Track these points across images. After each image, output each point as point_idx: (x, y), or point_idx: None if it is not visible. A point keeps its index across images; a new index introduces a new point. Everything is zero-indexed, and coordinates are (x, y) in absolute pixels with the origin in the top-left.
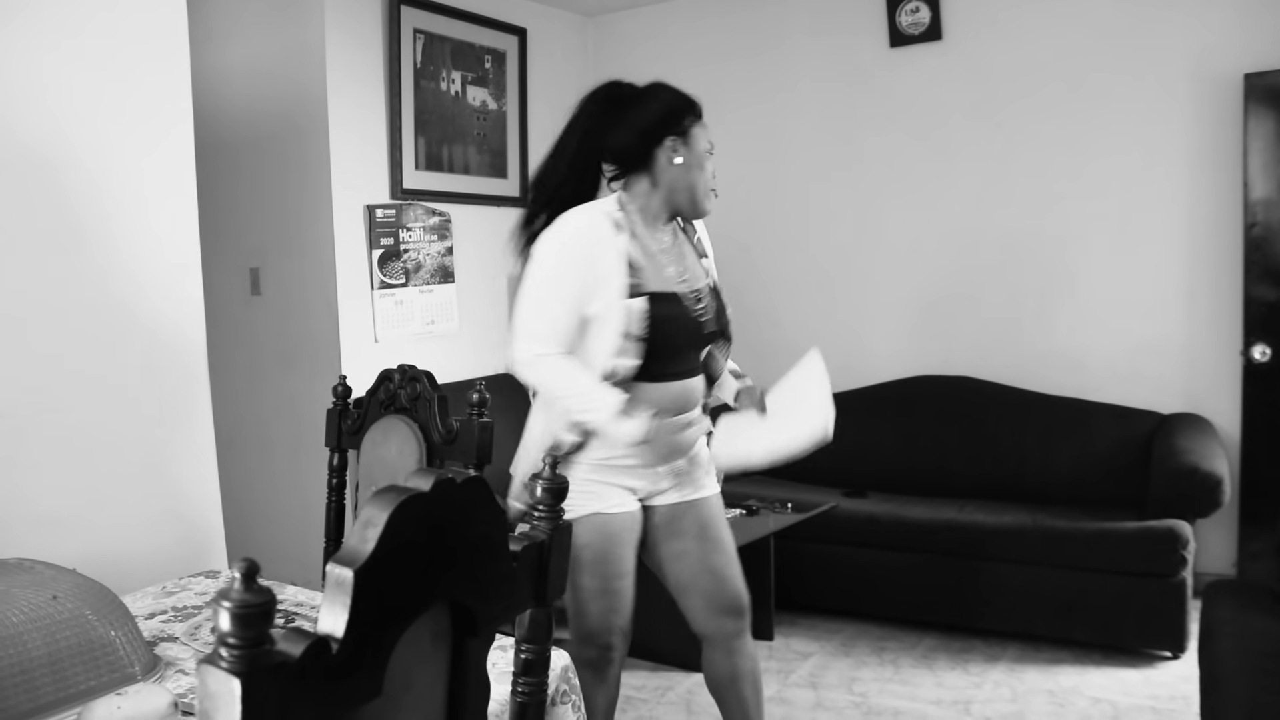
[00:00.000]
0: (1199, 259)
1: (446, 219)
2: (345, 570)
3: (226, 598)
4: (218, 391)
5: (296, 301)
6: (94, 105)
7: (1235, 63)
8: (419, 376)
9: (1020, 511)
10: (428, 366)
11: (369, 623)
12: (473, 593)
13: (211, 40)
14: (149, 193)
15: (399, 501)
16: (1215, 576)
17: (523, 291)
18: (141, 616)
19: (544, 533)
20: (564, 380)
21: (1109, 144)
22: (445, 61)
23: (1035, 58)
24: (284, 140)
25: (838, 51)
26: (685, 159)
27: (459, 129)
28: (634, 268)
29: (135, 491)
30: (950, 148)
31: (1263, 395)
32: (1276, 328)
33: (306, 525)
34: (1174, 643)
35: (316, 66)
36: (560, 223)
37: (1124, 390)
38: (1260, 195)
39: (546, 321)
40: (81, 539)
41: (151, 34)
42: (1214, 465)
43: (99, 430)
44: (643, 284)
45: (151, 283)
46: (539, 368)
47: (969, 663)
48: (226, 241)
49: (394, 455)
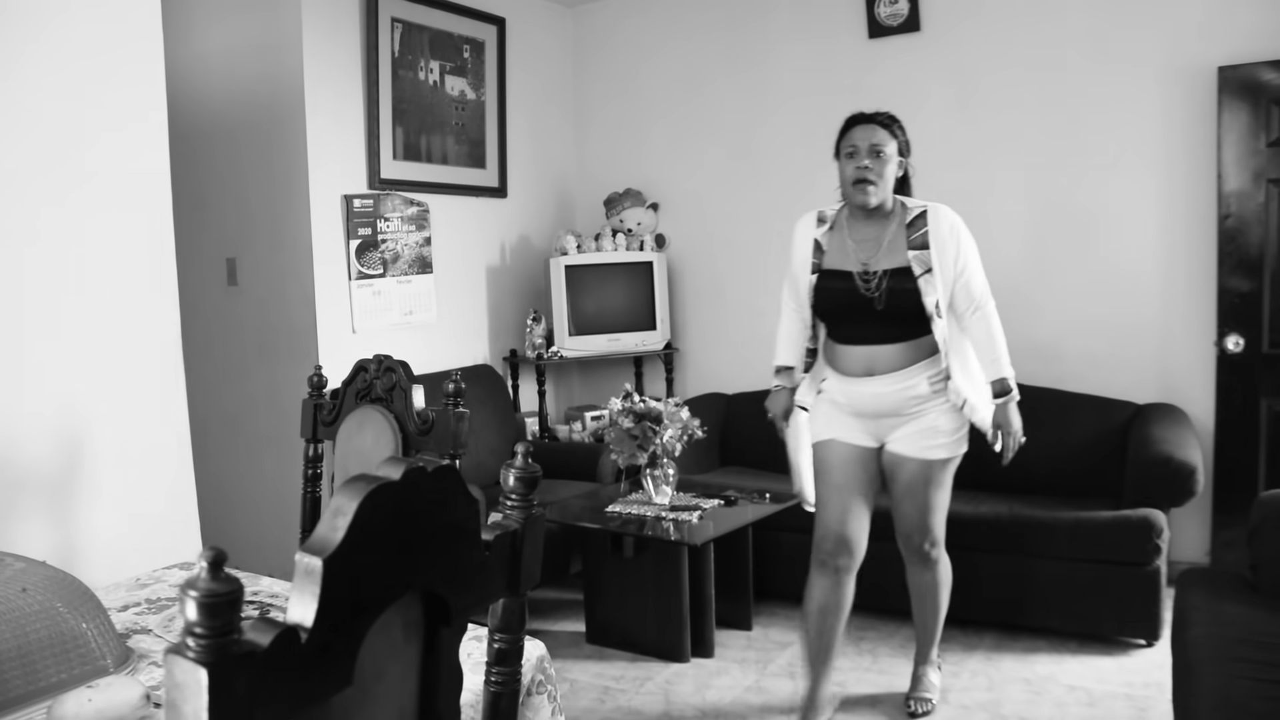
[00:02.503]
0: (1174, 250)
1: (424, 209)
2: (314, 559)
3: (193, 586)
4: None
5: (274, 292)
6: (67, 93)
7: (1209, 56)
8: (394, 366)
9: (997, 501)
10: (406, 357)
11: (339, 612)
12: (445, 582)
13: (188, 28)
14: (124, 183)
15: (369, 490)
16: (1189, 565)
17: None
18: (115, 609)
19: (516, 522)
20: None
21: (1085, 135)
22: (423, 51)
23: (1012, 49)
24: (261, 129)
25: (817, 42)
26: (840, 161)
27: (437, 119)
28: (821, 251)
29: (110, 482)
30: (928, 138)
31: (1236, 385)
32: (1249, 318)
33: (283, 516)
34: (1148, 630)
35: (293, 55)
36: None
37: (1101, 380)
38: (1234, 187)
39: (788, 282)
40: (54, 530)
41: (125, 21)
42: (1188, 455)
43: (72, 420)
44: (821, 263)
45: (126, 273)
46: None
47: (946, 651)
48: (203, 231)
49: (370, 446)
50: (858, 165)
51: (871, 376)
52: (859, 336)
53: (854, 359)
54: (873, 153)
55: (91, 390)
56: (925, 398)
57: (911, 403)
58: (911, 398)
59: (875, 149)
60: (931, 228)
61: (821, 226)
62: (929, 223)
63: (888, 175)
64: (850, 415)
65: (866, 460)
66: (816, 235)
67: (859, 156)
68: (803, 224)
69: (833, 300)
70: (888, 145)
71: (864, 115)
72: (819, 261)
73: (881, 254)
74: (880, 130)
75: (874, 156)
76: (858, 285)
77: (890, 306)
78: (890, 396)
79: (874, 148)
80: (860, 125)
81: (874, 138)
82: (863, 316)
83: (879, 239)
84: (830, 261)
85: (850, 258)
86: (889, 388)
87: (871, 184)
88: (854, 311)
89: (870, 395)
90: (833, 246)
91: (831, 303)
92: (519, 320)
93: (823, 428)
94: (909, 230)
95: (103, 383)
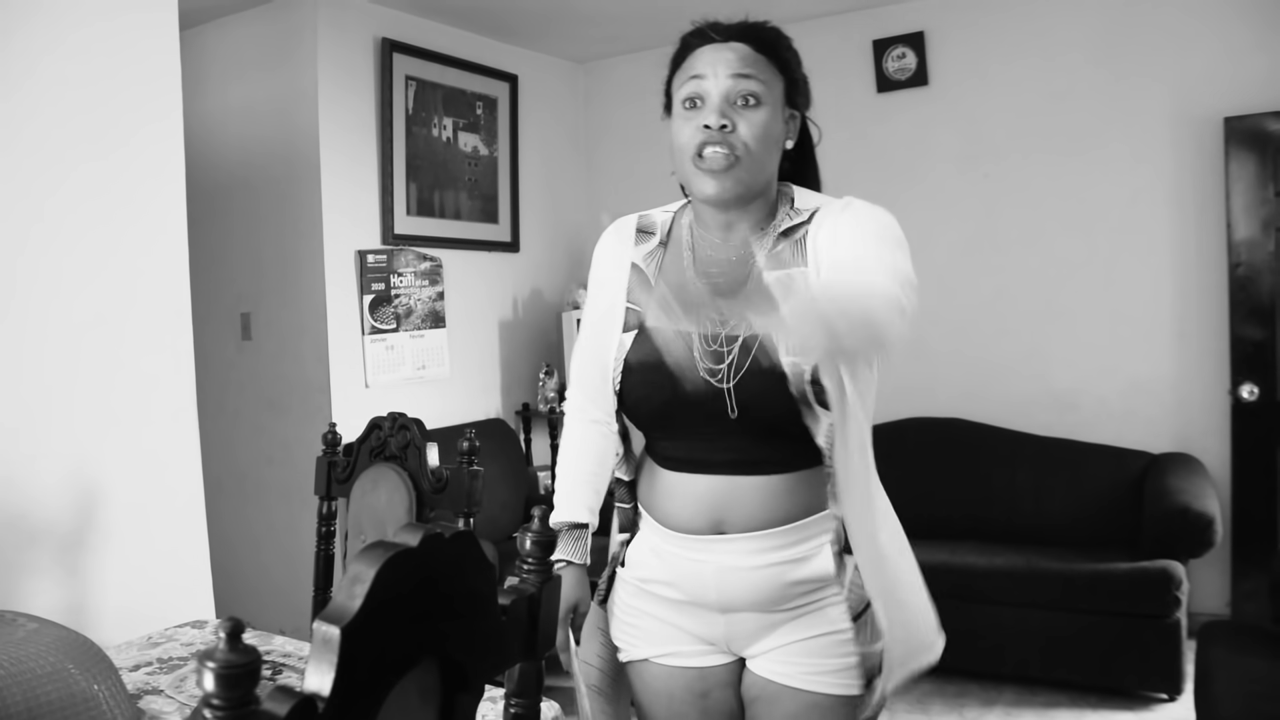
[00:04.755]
0: (1186, 299)
1: (438, 264)
2: (332, 628)
3: (211, 658)
4: (208, 437)
5: (287, 347)
6: (86, 148)
7: (1215, 106)
8: (409, 424)
9: (1013, 553)
10: (419, 412)
11: (356, 680)
12: (462, 648)
13: (205, 85)
14: (140, 237)
15: (387, 558)
16: (1209, 616)
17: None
18: (126, 668)
19: (534, 585)
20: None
21: (1095, 186)
22: (437, 108)
23: (1021, 102)
24: (276, 185)
25: (826, 96)
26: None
27: (450, 174)
28: (643, 287)
29: (122, 539)
30: (939, 190)
31: (1251, 434)
32: (1263, 367)
33: (296, 573)
34: (1170, 684)
35: (309, 112)
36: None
37: (1115, 430)
38: (1243, 235)
39: (578, 355)
40: (66, 587)
41: (145, 79)
42: (1205, 505)
43: (85, 476)
44: (644, 311)
45: (141, 327)
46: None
47: (965, 706)
48: (218, 286)
49: (383, 504)
50: (704, 123)
51: (721, 538)
52: (699, 459)
53: (689, 502)
54: (736, 98)
55: (104, 446)
56: (822, 581)
57: (795, 590)
58: (795, 582)
59: (742, 88)
60: (813, 232)
61: (645, 242)
62: (816, 226)
63: (763, 141)
64: (681, 610)
65: (713, 690)
66: (635, 258)
67: (706, 105)
68: (611, 238)
69: (652, 389)
70: (765, 83)
71: (718, 26)
72: (637, 307)
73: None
74: (751, 53)
75: (738, 104)
76: (698, 362)
77: (758, 405)
78: (755, 577)
79: (741, 83)
80: (710, 46)
81: (739, 66)
82: (708, 421)
83: (742, 270)
84: (656, 312)
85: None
86: (753, 560)
87: (730, 155)
88: (691, 412)
89: (717, 573)
90: (667, 279)
91: (650, 394)
92: (531, 374)
93: (632, 637)
94: (798, 247)
95: (116, 438)
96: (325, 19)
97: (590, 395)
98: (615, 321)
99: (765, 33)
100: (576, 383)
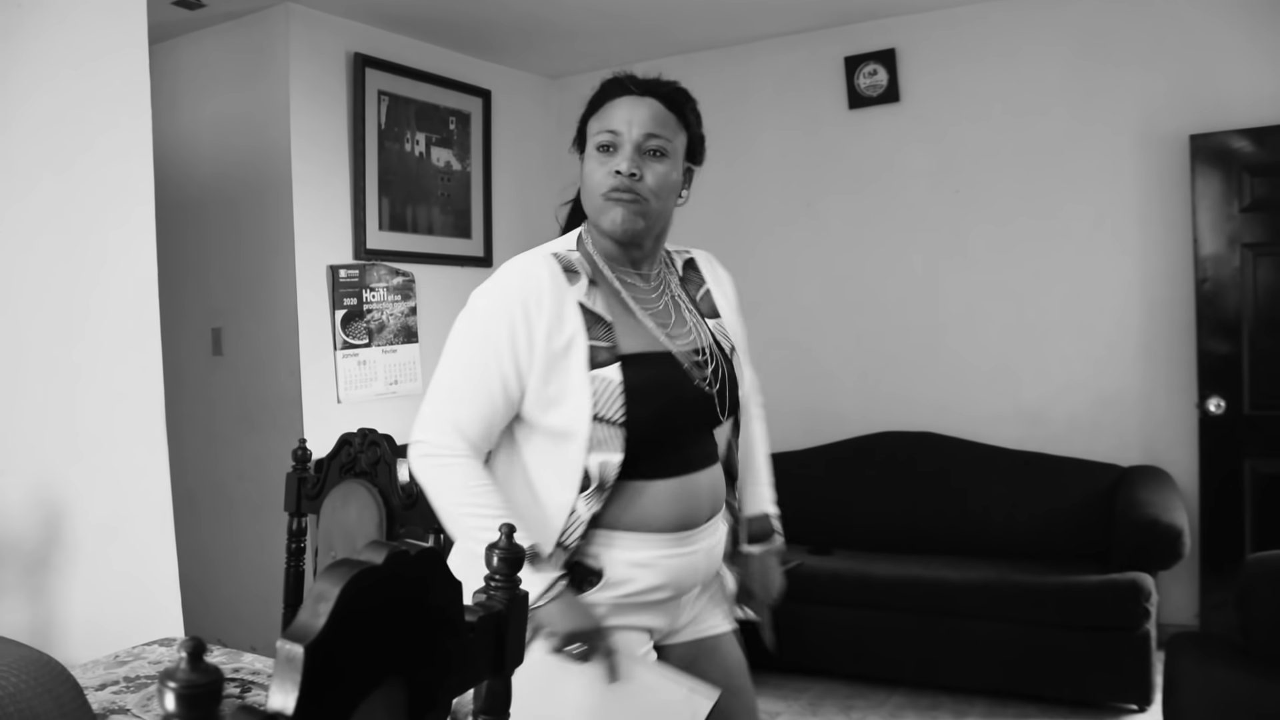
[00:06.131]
0: (1154, 314)
1: (410, 279)
2: (296, 646)
3: (172, 678)
4: (179, 452)
5: (259, 362)
6: (54, 163)
7: (1181, 124)
8: (379, 440)
9: (986, 566)
10: (391, 427)
11: (321, 699)
12: (428, 666)
13: (177, 99)
14: (109, 251)
15: (351, 575)
16: (1179, 628)
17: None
18: (92, 688)
19: (500, 602)
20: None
21: (1064, 203)
22: (410, 123)
23: (990, 119)
24: (247, 200)
25: (798, 113)
26: (586, 155)
27: (423, 189)
28: (602, 323)
29: (88, 555)
30: (910, 206)
31: (1219, 447)
32: (1230, 380)
33: (265, 589)
34: (1140, 695)
35: (281, 127)
36: (498, 273)
37: (1085, 444)
38: (1209, 251)
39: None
40: (31, 605)
41: (113, 93)
42: (1174, 517)
43: (51, 492)
44: (616, 345)
45: (109, 343)
46: (434, 473)
47: (936, 719)
48: (188, 301)
49: (354, 520)
50: (616, 169)
51: (694, 531)
52: (686, 458)
53: (684, 499)
54: (645, 149)
55: (72, 461)
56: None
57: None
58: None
59: (652, 143)
60: (712, 282)
61: (577, 281)
62: (704, 274)
63: (664, 188)
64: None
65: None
66: (578, 298)
67: (619, 152)
68: (537, 276)
69: (662, 403)
70: (673, 138)
71: (635, 80)
72: (611, 343)
73: (683, 323)
74: (662, 110)
75: (646, 155)
76: (690, 373)
77: (732, 405)
78: (720, 549)
79: (650, 139)
80: (628, 98)
81: (650, 123)
82: (698, 423)
83: (665, 298)
84: (629, 340)
85: (640, 331)
86: (721, 532)
87: (639, 202)
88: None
89: (707, 555)
90: (615, 314)
91: (661, 407)
92: None
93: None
94: (686, 286)
95: (84, 454)
96: (297, 34)
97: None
98: (577, 360)
99: (675, 93)
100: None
